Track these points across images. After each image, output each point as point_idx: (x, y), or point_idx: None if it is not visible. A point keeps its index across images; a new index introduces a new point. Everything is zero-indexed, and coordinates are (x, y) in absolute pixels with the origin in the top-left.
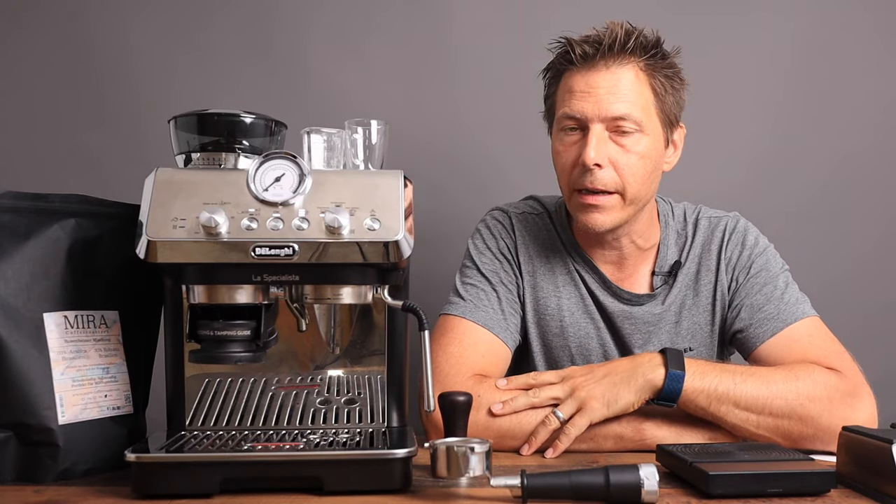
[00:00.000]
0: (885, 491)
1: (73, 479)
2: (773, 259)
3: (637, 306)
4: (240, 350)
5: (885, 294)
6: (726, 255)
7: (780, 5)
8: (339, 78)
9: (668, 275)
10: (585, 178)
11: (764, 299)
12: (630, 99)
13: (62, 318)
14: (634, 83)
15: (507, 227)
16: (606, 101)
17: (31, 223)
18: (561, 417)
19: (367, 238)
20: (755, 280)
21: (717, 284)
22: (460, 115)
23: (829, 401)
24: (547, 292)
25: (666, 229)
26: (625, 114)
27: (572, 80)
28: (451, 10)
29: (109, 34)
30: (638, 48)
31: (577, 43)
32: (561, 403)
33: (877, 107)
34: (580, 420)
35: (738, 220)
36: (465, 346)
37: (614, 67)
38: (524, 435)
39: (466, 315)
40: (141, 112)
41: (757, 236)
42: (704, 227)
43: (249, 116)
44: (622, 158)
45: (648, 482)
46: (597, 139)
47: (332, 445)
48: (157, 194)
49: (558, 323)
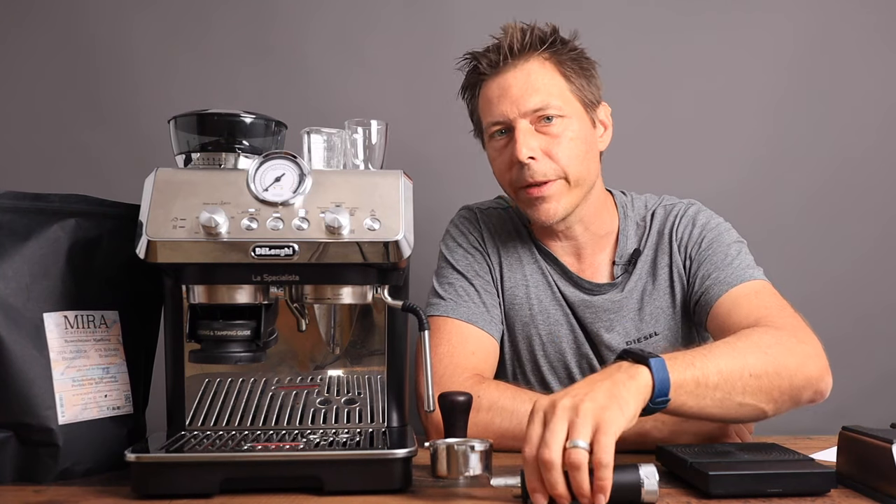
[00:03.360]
0: (885, 491)
1: (73, 479)
2: (727, 233)
3: (597, 295)
4: (240, 350)
5: (885, 294)
6: (677, 236)
7: (780, 4)
8: (339, 78)
9: (627, 263)
10: (524, 174)
11: (713, 267)
12: (544, 89)
13: (62, 318)
14: (543, 74)
15: (473, 223)
16: (523, 97)
17: (31, 223)
18: (583, 446)
19: (367, 238)
20: (706, 252)
21: (673, 265)
22: (460, 115)
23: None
24: (515, 282)
25: (625, 220)
26: (542, 104)
27: (487, 89)
28: (451, 9)
29: (109, 34)
30: (536, 41)
31: (482, 54)
32: (571, 432)
33: (878, 107)
34: (605, 439)
35: (692, 205)
36: (454, 345)
37: (521, 64)
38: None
39: (449, 313)
40: (141, 112)
41: (710, 216)
42: (661, 216)
43: (249, 116)
44: (553, 146)
45: (648, 482)
46: (523, 135)
47: (332, 445)
48: (157, 194)
49: (528, 311)
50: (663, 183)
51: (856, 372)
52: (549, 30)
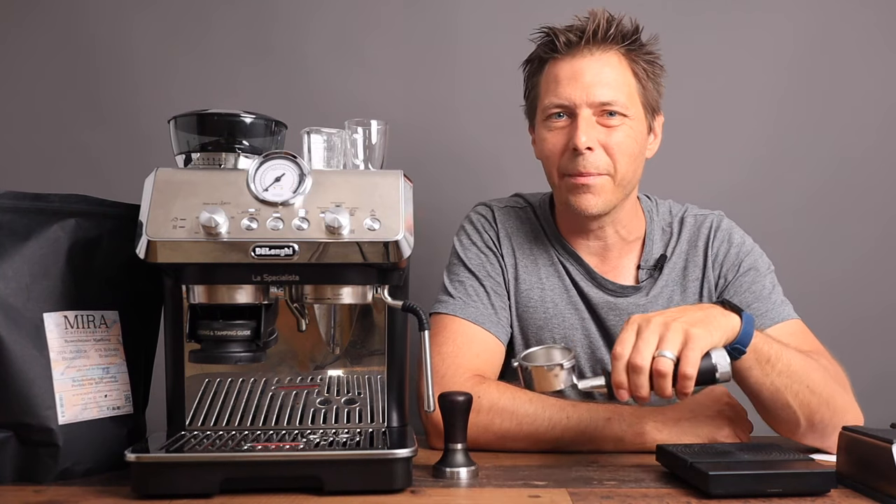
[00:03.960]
0: (886, 491)
1: (73, 479)
2: (761, 259)
3: (622, 297)
4: (240, 350)
5: (884, 294)
6: (713, 251)
7: (780, 4)
8: (339, 78)
9: (653, 268)
10: (576, 162)
11: (752, 297)
12: (615, 85)
13: (62, 318)
14: (618, 69)
15: (489, 220)
16: (593, 87)
17: (31, 223)
18: (670, 356)
19: (367, 238)
20: (744, 278)
21: (705, 281)
22: (460, 115)
23: (843, 388)
24: (530, 284)
25: (651, 224)
26: (612, 99)
27: (557, 68)
28: (451, 9)
29: (109, 34)
30: (619, 35)
31: (561, 31)
32: (661, 343)
33: (878, 107)
34: (691, 354)
35: (723, 218)
36: (458, 346)
37: (598, 54)
38: (524, 436)
39: (457, 313)
40: (141, 112)
41: (743, 235)
42: (691, 225)
43: (249, 116)
44: (610, 141)
45: (721, 365)
46: (586, 123)
47: (332, 445)
48: (157, 194)
49: (542, 314)
50: (664, 183)
51: (855, 372)
52: (633, 27)
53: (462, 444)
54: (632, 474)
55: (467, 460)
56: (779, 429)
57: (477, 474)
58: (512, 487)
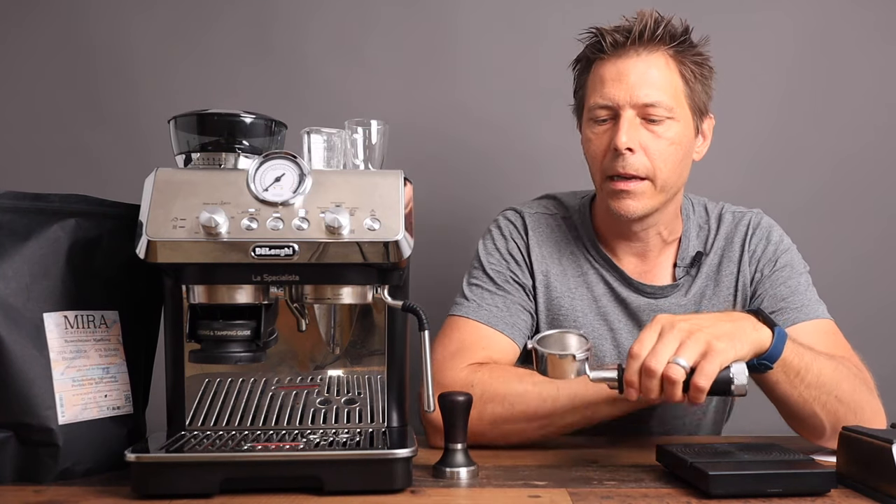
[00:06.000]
0: (886, 491)
1: (73, 479)
2: (797, 258)
3: (661, 298)
4: (240, 350)
5: (884, 294)
6: (750, 247)
7: (780, 4)
8: (339, 78)
9: (690, 266)
10: (617, 163)
11: (788, 291)
12: (660, 86)
13: (62, 318)
14: (664, 70)
15: (518, 228)
16: (637, 88)
17: (31, 223)
18: (684, 365)
19: (367, 238)
20: (780, 273)
21: (740, 276)
22: (460, 115)
23: (870, 393)
24: (560, 293)
25: (687, 222)
26: (656, 101)
27: (603, 69)
28: (450, 9)
29: (109, 34)
30: (667, 36)
31: (608, 32)
32: (680, 350)
33: (878, 106)
34: (709, 367)
35: (763, 216)
36: (465, 342)
37: (644, 55)
38: (517, 416)
39: (470, 314)
40: (141, 112)
41: (781, 234)
42: (729, 221)
43: (249, 116)
44: (653, 144)
45: (738, 378)
46: (628, 124)
47: (332, 445)
48: (157, 194)
49: (571, 324)
50: None
51: None
52: (683, 28)
53: (462, 444)
54: (632, 474)
55: (467, 460)
56: (802, 433)
57: (477, 474)
58: (512, 487)
